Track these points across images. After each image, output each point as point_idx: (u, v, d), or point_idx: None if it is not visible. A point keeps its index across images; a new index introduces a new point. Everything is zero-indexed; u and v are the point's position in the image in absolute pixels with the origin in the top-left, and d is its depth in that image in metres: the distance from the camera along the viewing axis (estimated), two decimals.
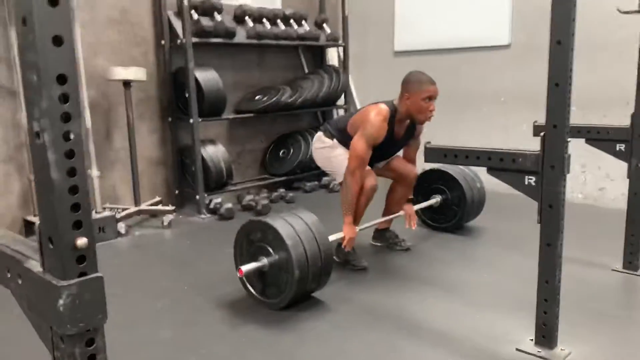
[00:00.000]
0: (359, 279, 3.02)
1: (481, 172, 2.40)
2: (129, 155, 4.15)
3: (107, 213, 3.85)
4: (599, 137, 2.98)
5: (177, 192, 4.70)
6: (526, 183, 2.03)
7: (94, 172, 3.91)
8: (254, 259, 2.60)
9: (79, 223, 0.83)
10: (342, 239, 3.02)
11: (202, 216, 4.41)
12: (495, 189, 3.49)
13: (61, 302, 0.82)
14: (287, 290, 2.52)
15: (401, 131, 3.12)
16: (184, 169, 4.69)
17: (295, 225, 2.56)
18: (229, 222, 4.24)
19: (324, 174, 5.42)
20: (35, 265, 0.90)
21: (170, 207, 4.28)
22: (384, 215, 3.46)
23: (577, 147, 2.75)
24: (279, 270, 2.53)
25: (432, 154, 2.37)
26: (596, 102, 4.31)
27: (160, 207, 4.33)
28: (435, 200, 3.77)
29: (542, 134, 1.94)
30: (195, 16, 4.41)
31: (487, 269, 3.15)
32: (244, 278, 2.65)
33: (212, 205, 4.43)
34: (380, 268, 3.20)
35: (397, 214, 3.42)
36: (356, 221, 3.10)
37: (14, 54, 3.65)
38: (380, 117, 2.94)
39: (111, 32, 4.20)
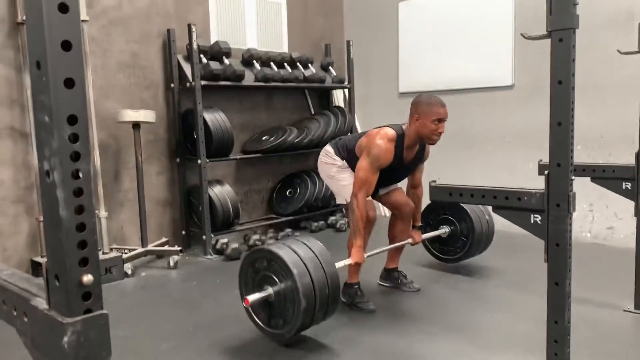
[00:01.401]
0: (366, 321, 2.98)
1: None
2: (137, 196, 4.19)
3: (114, 254, 3.85)
4: (605, 176, 2.98)
5: (184, 232, 4.71)
6: (532, 221, 2.02)
7: (102, 213, 3.94)
8: (260, 288, 2.57)
9: (86, 260, 0.84)
10: (349, 265, 2.99)
11: (209, 257, 4.40)
12: (503, 228, 3.47)
13: (66, 339, 0.82)
14: (293, 320, 2.46)
15: (410, 155, 3.12)
16: (192, 209, 4.71)
17: (301, 253, 2.53)
18: (235, 262, 4.22)
19: (331, 213, 5.43)
20: (41, 303, 0.90)
21: (176, 248, 4.28)
22: (389, 250, 3.44)
23: (584, 186, 2.75)
24: (285, 300, 2.49)
25: (438, 192, 2.37)
26: (601, 141, 4.33)
27: (166, 247, 4.33)
28: (444, 230, 3.73)
29: (546, 172, 1.94)
30: (204, 60, 4.52)
31: (498, 309, 3.10)
32: (249, 308, 2.61)
33: (218, 246, 4.42)
34: (388, 309, 3.16)
35: (404, 242, 3.40)
36: None
37: (27, 97, 3.74)
38: (384, 140, 2.95)
39: (122, 75, 4.30)
